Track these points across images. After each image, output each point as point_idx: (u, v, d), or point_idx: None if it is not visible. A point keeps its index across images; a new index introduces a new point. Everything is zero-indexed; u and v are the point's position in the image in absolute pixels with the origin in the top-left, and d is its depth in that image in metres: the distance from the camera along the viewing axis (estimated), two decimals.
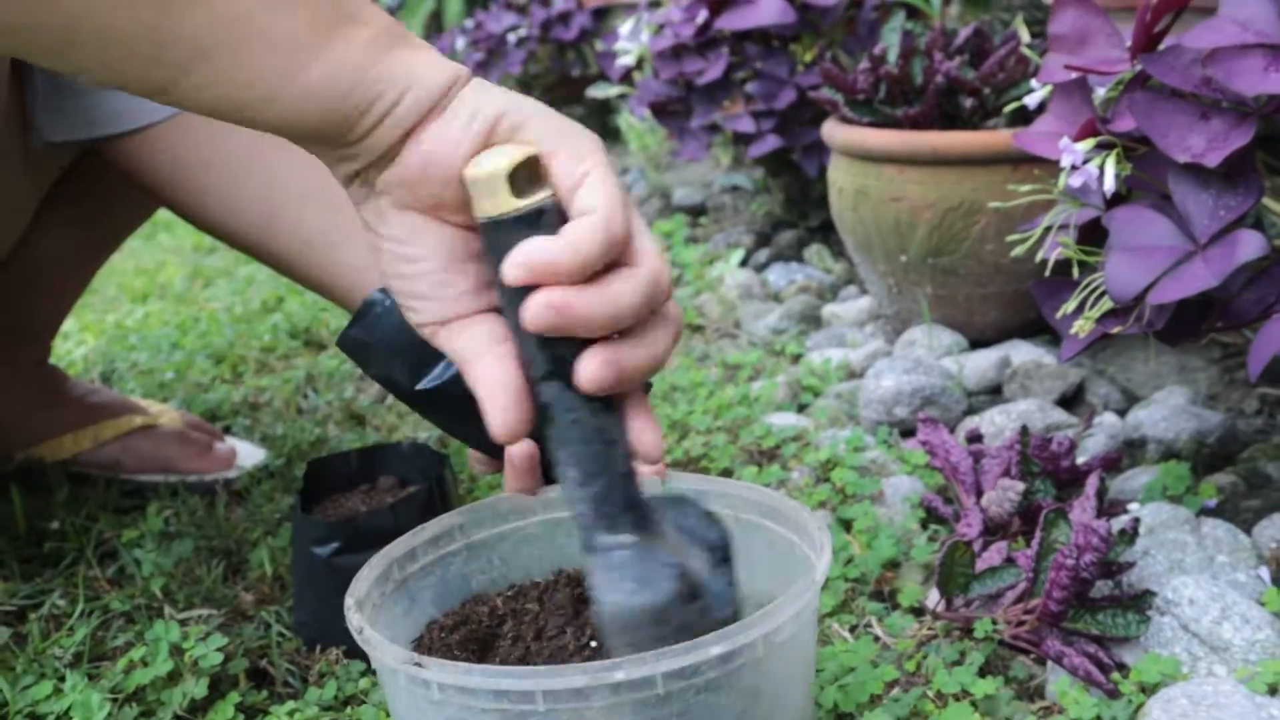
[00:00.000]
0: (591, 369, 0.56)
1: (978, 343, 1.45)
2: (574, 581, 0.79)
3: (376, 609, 0.71)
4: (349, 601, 0.67)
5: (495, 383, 0.58)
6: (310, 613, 0.92)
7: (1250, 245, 0.80)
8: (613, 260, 0.56)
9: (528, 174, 0.57)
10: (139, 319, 1.80)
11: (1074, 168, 0.90)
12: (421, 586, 0.76)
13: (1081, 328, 0.91)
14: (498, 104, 0.57)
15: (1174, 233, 0.86)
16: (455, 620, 0.76)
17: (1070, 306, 0.94)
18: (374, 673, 0.87)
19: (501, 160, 0.56)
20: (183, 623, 0.94)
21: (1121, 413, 1.24)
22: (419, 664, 0.59)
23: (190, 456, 1.21)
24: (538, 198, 0.57)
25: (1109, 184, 0.88)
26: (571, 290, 0.54)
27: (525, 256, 0.54)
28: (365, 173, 0.59)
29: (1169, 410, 1.17)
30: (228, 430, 1.37)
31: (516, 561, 0.81)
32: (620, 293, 0.56)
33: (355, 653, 0.90)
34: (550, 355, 0.57)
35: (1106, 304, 0.91)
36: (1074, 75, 0.96)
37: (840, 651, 0.86)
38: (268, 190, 0.88)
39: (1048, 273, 0.99)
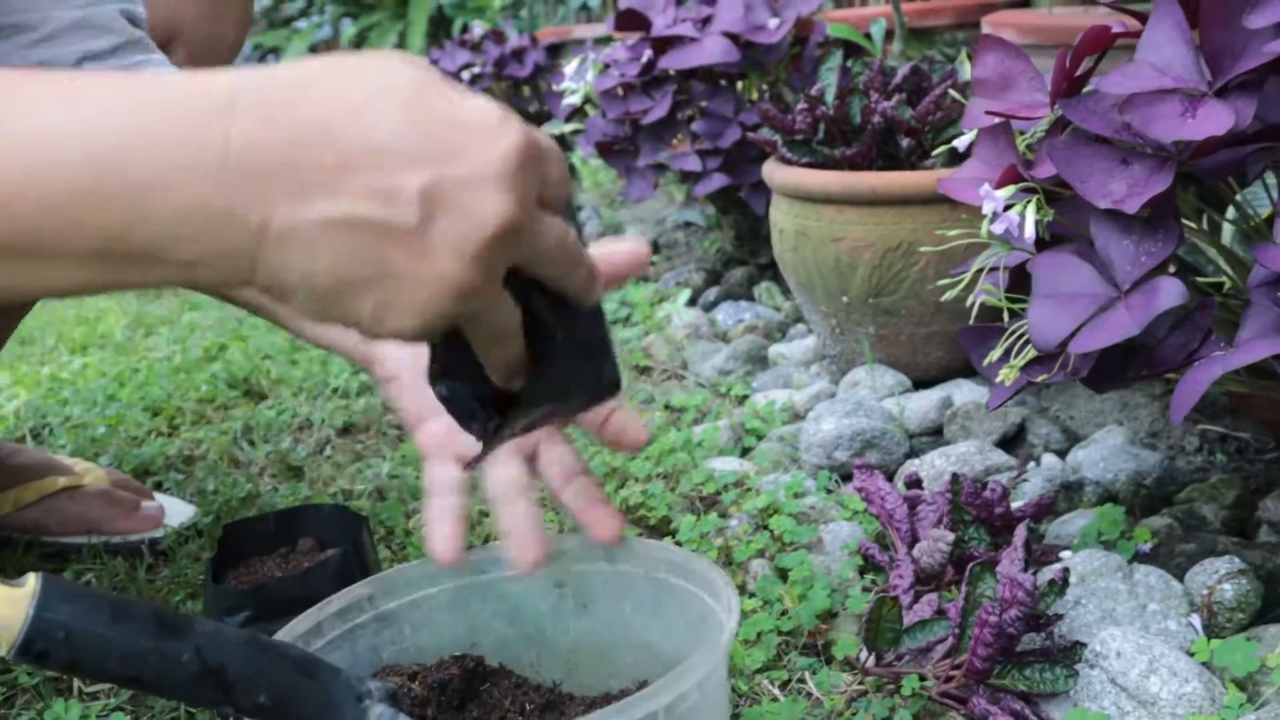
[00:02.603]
0: None
1: (921, 382, 1.44)
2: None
3: None
4: None
5: None
6: None
7: (1170, 293, 0.79)
8: None
9: None
10: (76, 370, 1.77)
11: (995, 214, 0.89)
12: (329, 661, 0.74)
13: (1007, 376, 0.90)
14: None
15: (1096, 279, 0.85)
16: None
17: (996, 354, 0.93)
18: None
19: None
20: (93, 696, 0.91)
21: (1062, 453, 1.23)
22: None
23: (115, 517, 1.18)
24: None
25: (1029, 231, 0.87)
26: None
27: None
28: None
29: (1108, 451, 1.16)
30: (159, 486, 1.34)
31: (428, 630, 0.78)
32: None
33: None
34: None
35: (1032, 351, 0.90)
36: (997, 120, 0.95)
37: (767, 711, 0.84)
38: None
39: (973, 319, 0.97)
